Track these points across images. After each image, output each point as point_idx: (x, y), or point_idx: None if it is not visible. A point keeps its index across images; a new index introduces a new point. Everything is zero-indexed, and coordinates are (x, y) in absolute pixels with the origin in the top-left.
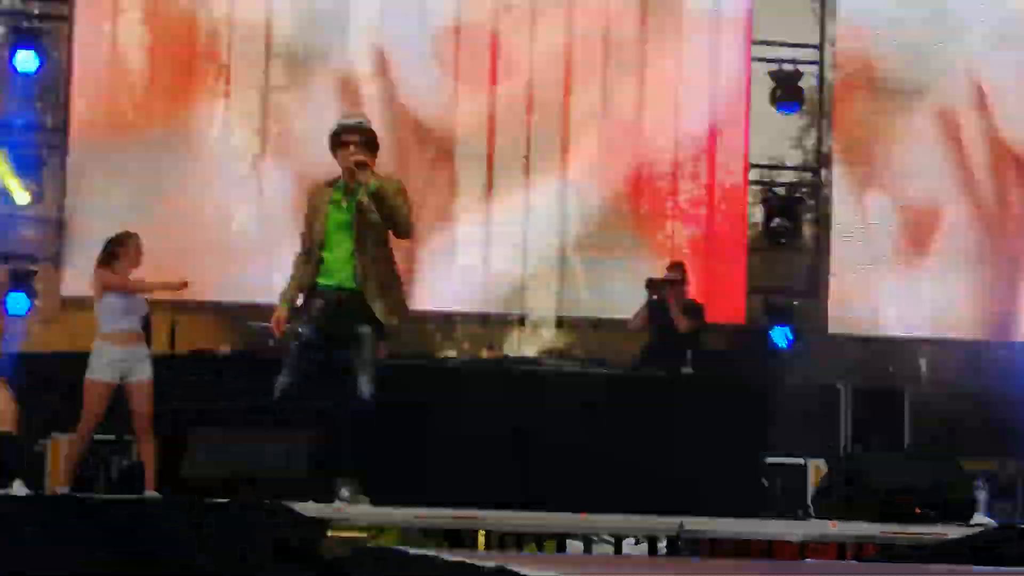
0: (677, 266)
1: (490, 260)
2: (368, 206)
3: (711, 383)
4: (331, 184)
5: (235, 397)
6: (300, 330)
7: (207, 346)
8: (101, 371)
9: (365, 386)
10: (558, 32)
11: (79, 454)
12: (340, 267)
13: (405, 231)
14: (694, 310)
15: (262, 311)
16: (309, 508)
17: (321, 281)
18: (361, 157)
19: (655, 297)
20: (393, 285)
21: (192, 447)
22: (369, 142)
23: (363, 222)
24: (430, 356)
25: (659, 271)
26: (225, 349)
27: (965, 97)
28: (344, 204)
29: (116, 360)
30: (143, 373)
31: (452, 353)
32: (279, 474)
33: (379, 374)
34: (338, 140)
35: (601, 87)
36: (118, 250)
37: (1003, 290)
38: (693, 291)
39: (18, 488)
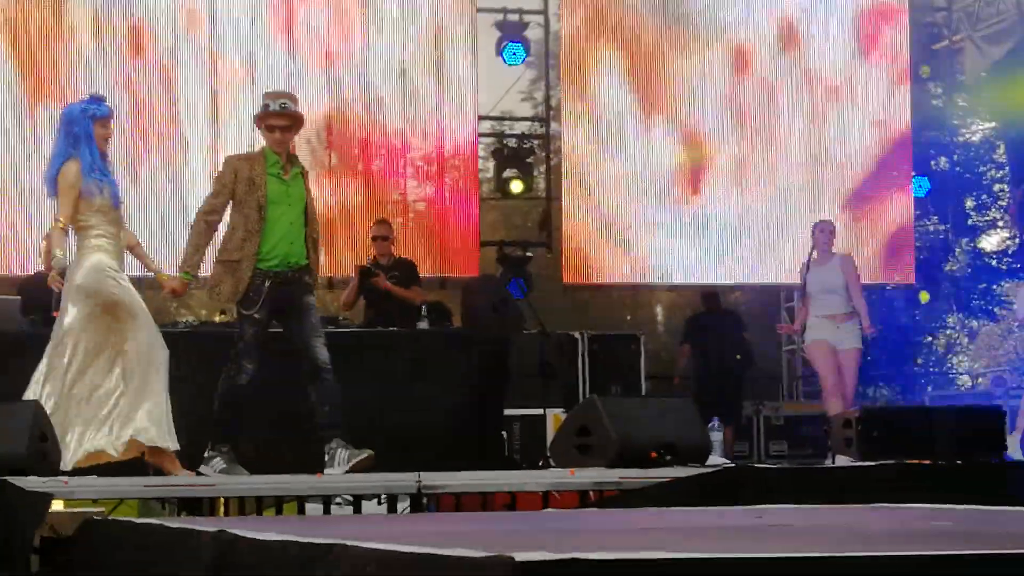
0: (383, 223)
1: None
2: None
3: (446, 337)
4: (256, 157)
5: None
6: (256, 315)
7: None
8: None
9: (325, 352)
10: None
11: None
12: (288, 241)
13: None
14: (407, 267)
15: None
16: (31, 482)
17: (264, 256)
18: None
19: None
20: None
21: None
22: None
23: (308, 197)
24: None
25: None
26: None
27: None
28: (287, 178)
29: None
30: None
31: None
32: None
33: None
34: (266, 120)
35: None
36: None
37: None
38: (429, 245)
39: None
